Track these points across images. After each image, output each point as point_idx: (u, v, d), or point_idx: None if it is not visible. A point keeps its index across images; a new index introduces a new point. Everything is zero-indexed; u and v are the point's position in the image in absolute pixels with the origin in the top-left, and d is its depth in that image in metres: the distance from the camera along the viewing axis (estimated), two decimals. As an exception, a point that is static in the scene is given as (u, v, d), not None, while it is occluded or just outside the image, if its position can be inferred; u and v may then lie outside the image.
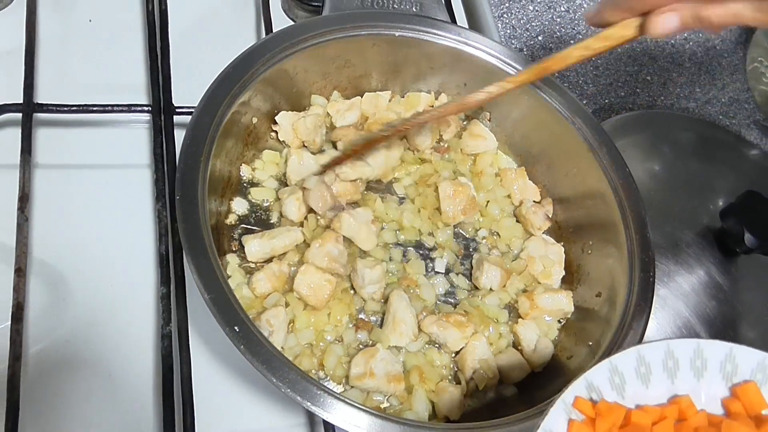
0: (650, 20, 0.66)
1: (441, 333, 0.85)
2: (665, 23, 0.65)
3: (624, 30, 0.70)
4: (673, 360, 0.60)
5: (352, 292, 0.88)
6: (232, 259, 0.85)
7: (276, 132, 0.95)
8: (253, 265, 0.85)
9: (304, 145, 0.95)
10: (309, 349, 0.82)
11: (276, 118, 0.93)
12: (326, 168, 0.92)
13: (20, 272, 0.76)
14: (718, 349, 0.61)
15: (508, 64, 0.97)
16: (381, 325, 0.86)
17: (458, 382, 0.85)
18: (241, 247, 0.85)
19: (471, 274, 0.94)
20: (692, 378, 0.60)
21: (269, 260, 0.85)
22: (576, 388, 0.57)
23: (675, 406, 0.58)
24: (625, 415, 0.56)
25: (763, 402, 0.59)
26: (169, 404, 0.73)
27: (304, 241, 0.88)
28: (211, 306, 0.68)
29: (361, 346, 0.84)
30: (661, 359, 0.60)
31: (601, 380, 0.58)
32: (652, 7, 0.66)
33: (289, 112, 0.94)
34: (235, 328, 0.67)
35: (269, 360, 0.66)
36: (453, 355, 0.87)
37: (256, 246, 0.84)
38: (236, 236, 0.87)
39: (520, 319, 0.91)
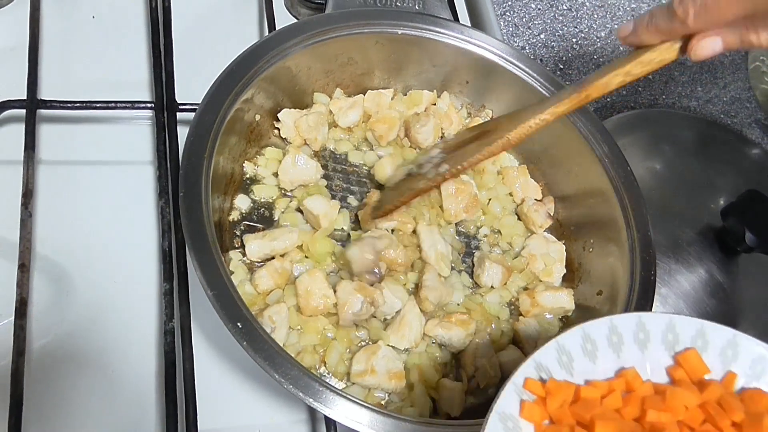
0: (694, 45, 0.64)
1: (446, 334, 0.85)
2: (710, 48, 0.63)
3: (666, 54, 0.68)
4: (617, 335, 0.61)
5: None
6: (234, 255, 0.85)
7: (278, 129, 0.95)
8: (255, 262, 0.86)
9: (305, 143, 0.96)
10: (311, 345, 0.82)
11: (278, 115, 0.93)
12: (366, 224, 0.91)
13: (24, 268, 0.76)
14: (658, 320, 0.62)
15: (511, 63, 0.98)
16: (385, 324, 0.86)
17: (459, 379, 0.85)
18: (244, 243, 0.86)
19: (473, 272, 0.94)
20: (637, 350, 0.61)
21: (271, 258, 0.86)
22: (525, 370, 0.58)
23: (622, 378, 0.60)
24: (575, 392, 0.58)
25: (705, 367, 0.61)
26: (171, 399, 0.73)
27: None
28: (214, 303, 0.68)
29: (362, 343, 0.84)
30: (606, 335, 0.61)
31: (549, 360, 0.59)
32: (695, 32, 0.63)
33: (292, 109, 0.95)
34: (239, 324, 0.67)
35: (272, 357, 0.67)
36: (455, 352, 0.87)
37: (256, 246, 0.84)
38: (239, 233, 0.88)
39: (521, 317, 0.92)
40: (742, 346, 0.63)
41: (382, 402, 0.81)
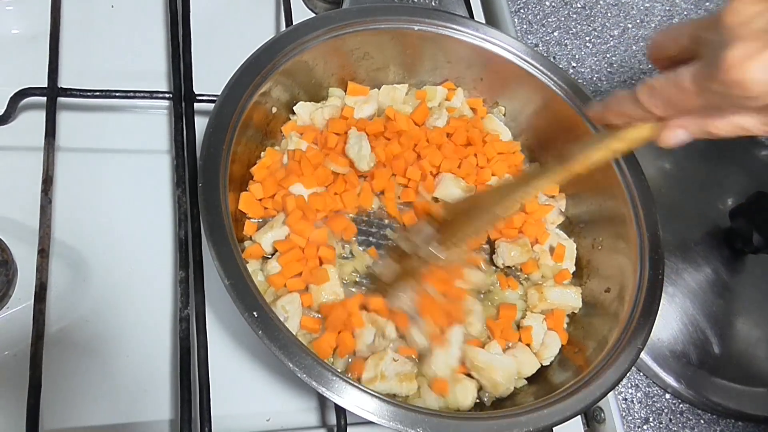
0: (662, 134, 0.65)
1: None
2: (676, 138, 0.64)
3: (642, 132, 0.68)
4: None
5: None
6: (249, 245, 0.86)
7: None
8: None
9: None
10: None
11: (294, 108, 0.94)
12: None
13: (43, 253, 0.78)
14: None
15: (524, 60, 0.98)
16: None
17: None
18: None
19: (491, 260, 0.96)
20: None
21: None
22: None
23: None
24: None
25: None
26: (186, 386, 0.75)
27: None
28: (231, 292, 0.69)
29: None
30: None
31: None
32: (661, 119, 0.64)
33: (308, 102, 0.96)
34: (255, 314, 0.68)
35: (287, 346, 0.68)
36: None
37: (269, 239, 0.85)
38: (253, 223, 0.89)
39: (528, 313, 0.92)
40: None
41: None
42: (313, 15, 1.09)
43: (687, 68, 0.59)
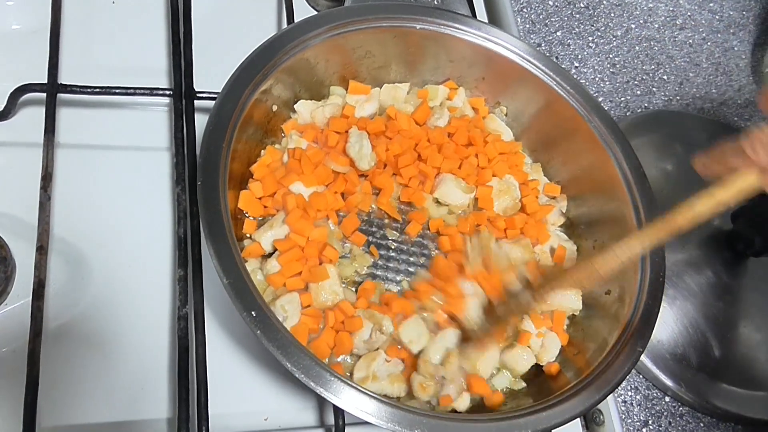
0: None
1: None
2: None
3: (747, 180, 0.67)
4: None
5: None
6: (248, 243, 0.86)
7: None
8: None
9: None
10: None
11: (295, 106, 0.94)
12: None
13: (42, 250, 0.78)
14: None
15: (527, 60, 0.98)
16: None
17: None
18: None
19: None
20: None
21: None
22: None
23: None
24: None
25: None
26: (184, 384, 0.74)
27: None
28: (229, 291, 0.69)
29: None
30: None
31: None
32: (760, 169, 0.65)
33: (309, 100, 0.95)
34: (253, 313, 0.68)
35: (285, 346, 0.68)
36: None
37: (269, 238, 0.85)
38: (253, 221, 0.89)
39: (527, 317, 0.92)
40: None
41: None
42: (315, 12, 1.09)
43: None
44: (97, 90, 0.89)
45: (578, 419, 0.93)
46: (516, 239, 0.95)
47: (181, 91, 0.91)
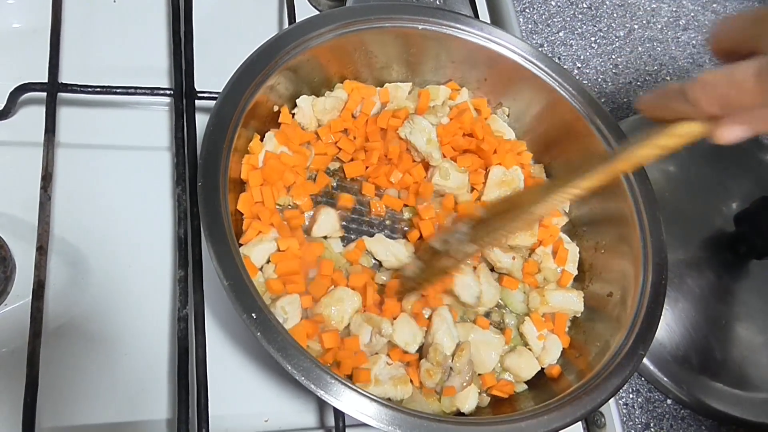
0: (717, 131, 0.59)
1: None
2: (732, 135, 0.59)
3: (691, 128, 0.62)
4: None
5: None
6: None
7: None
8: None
9: (317, 134, 0.95)
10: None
11: (297, 101, 0.93)
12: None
13: (42, 250, 0.77)
14: None
15: (529, 61, 0.97)
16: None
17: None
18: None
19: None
20: None
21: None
22: None
23: None
24: None
25: None
26: (183, 385, 0.74)
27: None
28: (229, 293, 0.69)
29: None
30: None
31: None
32: (711, 116, 0.59)
33: (310, 96, 0.95)
34: (253, 315, 0.68)
35: (285, 347, 0.67)
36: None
37: (258, 252, 0.83)
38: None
39: (526, 317, 0.91)
40: None
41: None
42: (317, 13, 1.09)
43: (748, 64, 0.54)
44: (98, 89, 0.88)
45: (580, 422, 0.92)
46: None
47: (182, 91, 0.91)
